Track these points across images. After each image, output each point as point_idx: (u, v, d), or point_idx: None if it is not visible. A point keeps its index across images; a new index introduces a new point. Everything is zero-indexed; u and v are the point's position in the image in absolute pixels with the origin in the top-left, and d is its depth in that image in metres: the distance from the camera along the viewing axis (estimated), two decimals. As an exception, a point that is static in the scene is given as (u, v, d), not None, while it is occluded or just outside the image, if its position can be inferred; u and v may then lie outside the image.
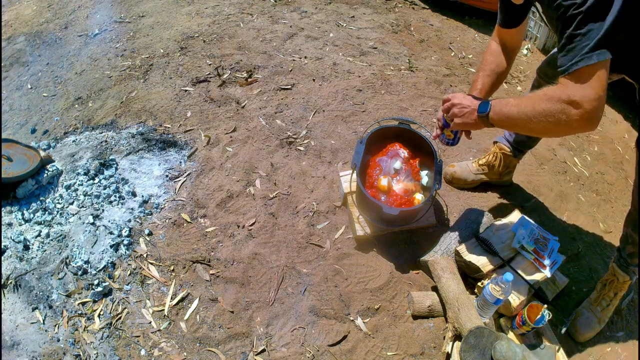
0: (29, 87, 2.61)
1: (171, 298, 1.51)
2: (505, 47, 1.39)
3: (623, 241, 1.45)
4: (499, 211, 1.90)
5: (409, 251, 1.72)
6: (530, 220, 1.61)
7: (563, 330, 1.52)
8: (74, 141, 2.08)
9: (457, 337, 1.35)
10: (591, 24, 0.91)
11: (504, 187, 2.02)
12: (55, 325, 1.42)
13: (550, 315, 1.30)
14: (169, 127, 2.19)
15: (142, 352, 1.38)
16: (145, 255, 1.61)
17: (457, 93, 1.27)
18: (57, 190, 1.77)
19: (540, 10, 1.16)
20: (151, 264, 1.59)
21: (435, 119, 1.37)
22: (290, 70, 2.61)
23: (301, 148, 2.10)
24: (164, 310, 1.48)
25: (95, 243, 1.61)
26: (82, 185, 1.78)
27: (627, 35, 1.04)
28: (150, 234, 1.68)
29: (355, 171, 1.53)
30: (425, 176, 1.68)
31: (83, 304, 1.47)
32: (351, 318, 1.51)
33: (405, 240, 1.76)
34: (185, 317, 1.47)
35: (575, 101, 0.95)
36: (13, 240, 1.57)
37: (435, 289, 1.53)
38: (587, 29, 0.92)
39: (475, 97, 1.25)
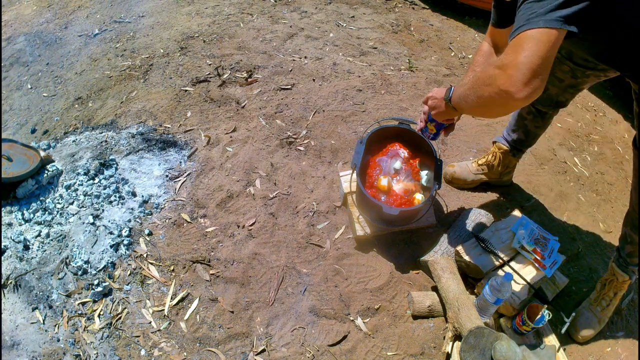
0: (29, 87, 2.62)
1: (171, 298, 1.51)
2: (497, 48, 1.38)
3: (622, 241, 1.45)
4: (499, 211, 1.90)
5: (409, 251, 1.72)
6: (530, 220, 1.61)
7: (563, 330, 1.52)
8: (74, 141, 2.08)
9: (457, 337, 1.35)
10: None
11: (504, 187, 2.02)
12: (55, 325, 1.42)
13: (550, 315, 1.30)
14: (169, 127, 2.19)
15: (142, 352, 1.38)
16: (145, 255, 1.61)
17: (436, 88, 1.27)
18: (57, 190, 1.77)
19: None
20: (151, 264, 1.59)
21: (422, 112, 1.37)
22: (290, 70, 2.61)
23: (301, 148, 2.10)
24: (164, 310, 1.48)
25: (95, 243, 1.61)
26: (82, 185, 1.78)
27: (616, 32, 1.02)
28: (150, 234, 1.68)
29: (355, 171, 1.53)
30: (425, 176, 1.68)
31: (83, 304, 1.47)
32: (351, 318, 1.51)
33: (405, 240, 1.76)
34: (185, 317, 1.47)
35: (504, 64, 0.87)
36: (13, 240, 1.57)
37: (435, 289, 1.53)
38: None
39: (448, 88, 1.21)
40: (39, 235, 1.60)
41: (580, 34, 0.87)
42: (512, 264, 1.50)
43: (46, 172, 1.77)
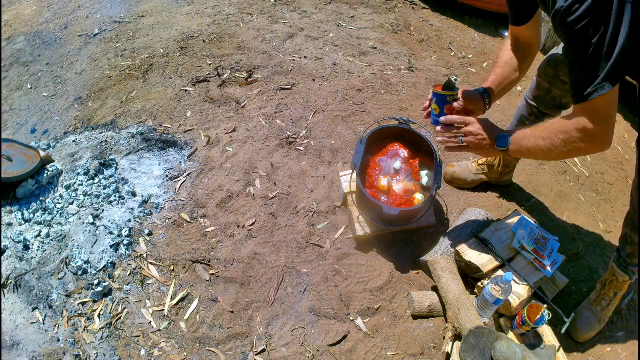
0: (29, 87, 2.62)
1: (171, 298, 1.51)
2: (518, 45, 1.37)
3: (622, 241, 1.45)
4: (499, 211, 1.90)
5: (409, 251, 1.72)
6: (530, 220, 1.61)
7: (563, 330, 1.52)
8: (74, 141, 2.08)
9: (457, 337, 1.35)
10: (600, 48, 0.91)
11: (504, 187, 2.02)
12: (55, 325, 1.42)
13: (550, 315, 1.30)
14: (169, 127, 2.19)
15: (142, 352, 1.38)
16: (145, 255, 1.61)
17: (473, 118, 1.24)
18: (57, 190, 1.77)
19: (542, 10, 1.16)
20: (151, 264, 1.59)
21: (428, 99, 1.35)
22: (290, 70, 2.61)
23: (301, 148, 2.10)
24: (164, 310, 1.48)
25: (95, 243, 1.61)
26: (82, 185, 1.78)
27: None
28: (150, 234, 1.68)
29: (355, 171, 1.53)
30: (425, 176, 1.68)
31: (83, 304, 1.47)
32: (351, 318, 1.51)
33: (405, 240, 1.76)
34: (185, 317, 1.47)
35: (589, 130, 1.00)
36: (13, 240, 1.57)
37: (435, 289, 1.53)
38: (596, 53, 0.92)
39: (491, 125, 1.22)
40: (39, 235, 1.60)
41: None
42: (512, 264, 1.50)
43: (46, 172, 1.77)
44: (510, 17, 1.33)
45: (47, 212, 1.67)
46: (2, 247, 1.55)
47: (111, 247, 1.59)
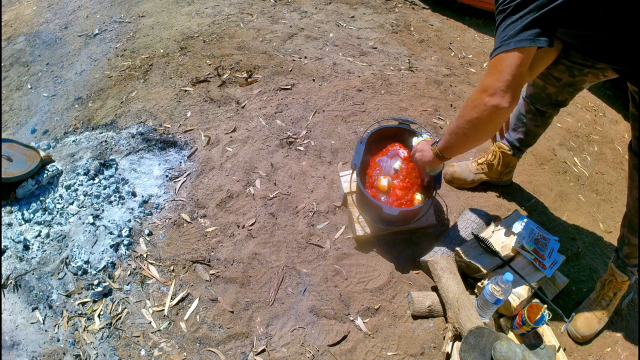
0: (29, 87, 2.61)
1: (171, 298, 1.51)
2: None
3: (620, 242, 1.45)
4: (499, 211, 1.90)
5: (409, 251, 1.72)
6: (530, 220, 1.61)
7: (563, 330, 1.52)
8: (74, 141, 2.08)
9: (457, 337, 1.35)
10: (520, 12, 0.96)
11: (504, 187, 2.02)
12: (55, 325, 1.42)
13: (550, 315, 1.30)
14: (169, 127, 2.19)
15: (142, 352, 1.38)
16: (145, 255, 1.61)
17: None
18: (57, 190, 1.77)
19: None
20: (151, 264, 1.59)
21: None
22: (290, 70, 2.61)
23: (301, 148, 2.10)
24: (164, 310, 1.48)
25: (95, 243, 1.61)
26: (82, 185, 1.78)
27: (598, 34, 1.07)
28: (150, 234, 1.68)
29: (355, 171, 1.53)
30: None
31: (83, 304, 1.47)
32: (351, 318, 1.51)
33: (405, 240, 1.76)
34: (185, 317, 1.47)
35: (485, 87, 1.03)
36: (13, 240, 1.57)
37: (435, 289, 1.53)
38: (513, 18, 0.97)
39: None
40: (39, 235, 1.60)
41: (551, 44, 0.99)
42: (512, 264, 1.50)
43: (46, 172, 1.77)
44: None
45: (47, 212, 1.67)
46: (2, 247, 1.55)
47: (111, 247, 1.59)
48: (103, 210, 1.72)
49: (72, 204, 1.72)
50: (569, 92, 1.54)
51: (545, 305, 1.31)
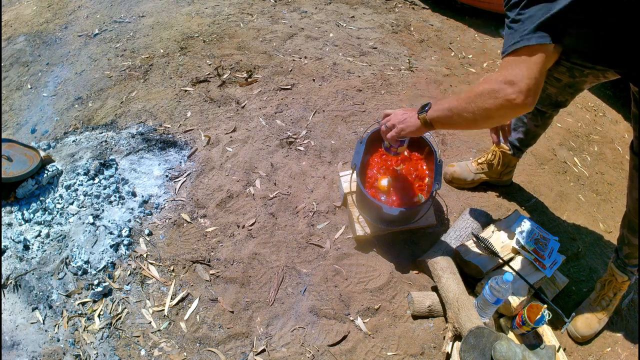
0: (29, 87, 2.61)
1: (171, 298, 1.51)
2: None
3: (620, 242, 1.45)
4: (499, 211, 1.90)
5: (409, 251, 1.72)
6: (530, 220, 1.61)
7: (563, 330, 1.52)
8: (74, 141, 2.08)
9: (457, 337, 1.35)
10: (534, 7, 0.95)
11: (504, 187, 2.02)
12: (55, 325, 1.42)
13: (550, 315, 1.30)
14: (169, 127, 2.19)
15: (142, 352, 1.38)
16: (145, 255, 1.61)
17: (392, 110, 1.33)
18: (57, 190, 1.77)
19: None
20: (151, 264, 1.59)
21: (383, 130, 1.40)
22: (290, 70, 2.61)
23: (301, 148, 2.10)
24: (164, 310, 1.48)
25: (95, 243, 1.61)
26: (82, 185, 1.78)
27: (601, 32, 1.06)
28: (150, 234, 1.68)
29: (355, 171, 1.53)
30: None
31: (83, 304, 1.47)
32: (351, 318, 1.51)
33: (405, 240, 1.76)
34: (185, 317, 1.47)
35: (510, 80, 0.97)
36: (13, 240, 1.57)
37: (435, 289, 1.53)
38: (529, 13, 0.96)
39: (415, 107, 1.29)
40: (39, 235, 1.60)
41: (563, 45, 1.00)
42: (512, 264, 1.50)
43: (46, 172, 1.77)
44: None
45: (47, 212, 1.67)
46: (2, 247, 1.55)
47: (111, 247, 1.59)
48: (103, 210, 1.72)
49: (72, 204, 1.72)
50: (569, 93, 1.54)
51: (545, 305, 1.31)
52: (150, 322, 1.45)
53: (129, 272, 1.56)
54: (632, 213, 1.33)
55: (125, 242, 1.62)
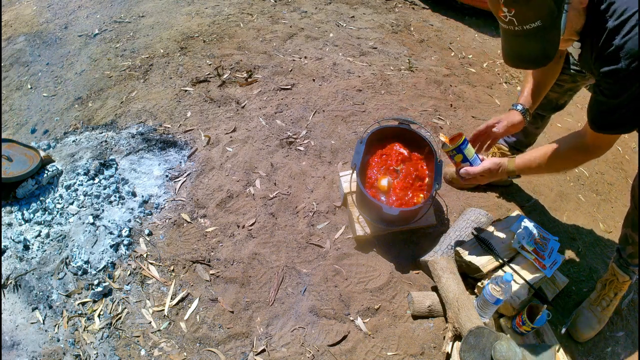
0: (29, 87, 2.61)
1: (171, 298, 1.51)
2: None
3: (622, 241, 1.44)
4: (499, 211, 1.90)
5: (409, 251, 1.72)
6: (530, 220, 1.61)
7: (563, 330, 1.52)
8: (74, 141, 2.08)
9: (457, 337, 1.35)
10: (627, 96, 1.00)
11: (504, 187, 2.02)
12: (55, 325, 1.42)
13: (550, 315, 1.30)
14: (169, 127, 2.19)
15: (142, 352, 1.38)
16: (145, 255, 1.61)
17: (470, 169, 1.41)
18: (57, 190, 1.77)
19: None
20: (151, 264, 1.59)
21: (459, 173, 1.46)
22: (290, 70, 2.61)
23: (301, 148, 2.10)
24: (164, 310, 1.48)
25: (95, 243, 1.61)
26: (82, 185, 1.78)
27: None
28: (150, 234, 1.68)
29: (355, 171, 1.53)
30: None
31: (83, 304, 1.47)
32: (351, 318, 1.51)
33: (405, 240, 1.76)
34: (185, 317, 1.47)
35: (590, 151, 1.22)
36: (13, 240, 1.57)
37: (435, 289, 1.53)
38: (621, 101, 1.02)
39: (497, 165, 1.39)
40: (39, 235, 1.60)
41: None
42: (512, 264, 1.50)
43: (46, 172, 1.77)
44: None
45: (47, 212, 1.67)
46: (2, 247, 1.55)
47: (111, 247, 1.59)
48: (103, 210, 1.72)
49: (72, 204, 1.72)
50: (569, 95, 1.56)
51: (545, 305, 1.31)
52: (150, 322, 1.45)
53: (129, 272, 1.56)
54: (638, 209, 1.32)
55: (125, 242, 1.62)
